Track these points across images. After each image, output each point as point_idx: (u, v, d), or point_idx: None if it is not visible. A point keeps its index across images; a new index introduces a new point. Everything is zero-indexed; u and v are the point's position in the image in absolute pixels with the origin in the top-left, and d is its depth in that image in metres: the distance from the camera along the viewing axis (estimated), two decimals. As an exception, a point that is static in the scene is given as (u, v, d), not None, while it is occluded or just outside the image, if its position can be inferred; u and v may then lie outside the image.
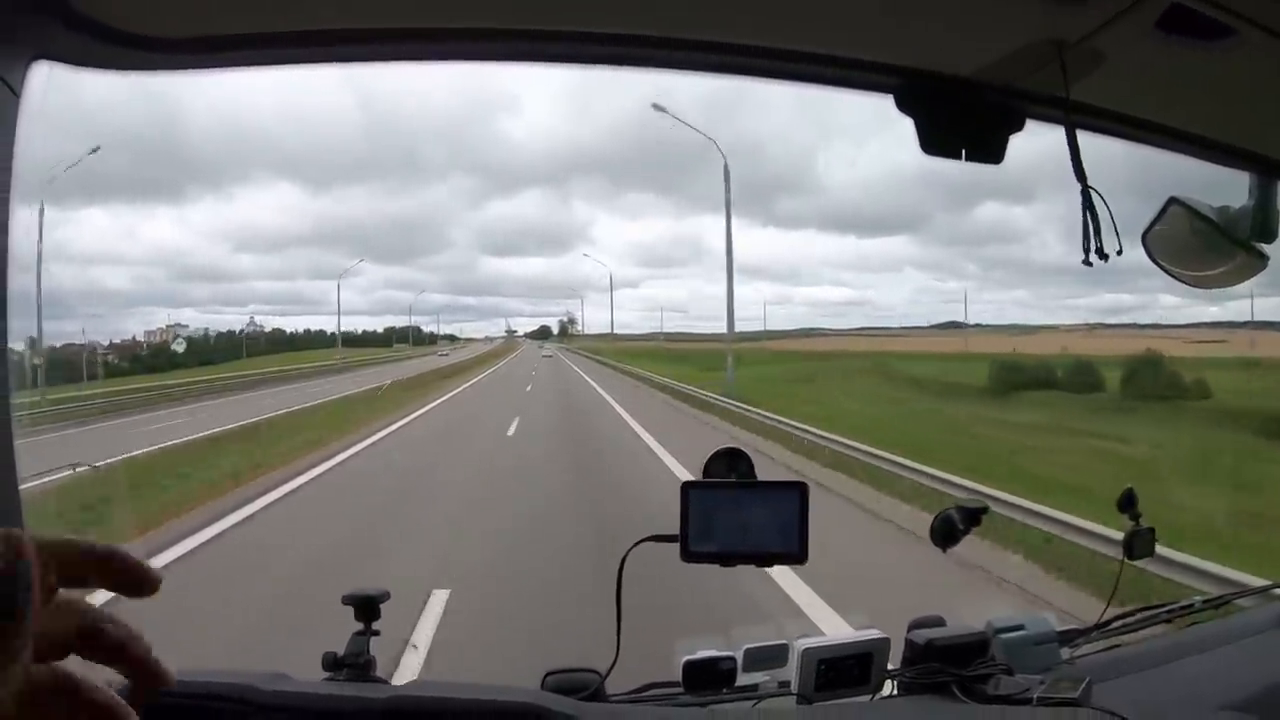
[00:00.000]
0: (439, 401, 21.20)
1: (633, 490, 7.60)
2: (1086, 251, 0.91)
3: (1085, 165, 0.93)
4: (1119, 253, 0.92)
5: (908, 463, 7.79)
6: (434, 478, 9.16)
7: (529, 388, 26.26)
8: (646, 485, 7.78)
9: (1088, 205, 0.91)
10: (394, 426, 14.56)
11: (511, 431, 13.15)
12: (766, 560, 0.95)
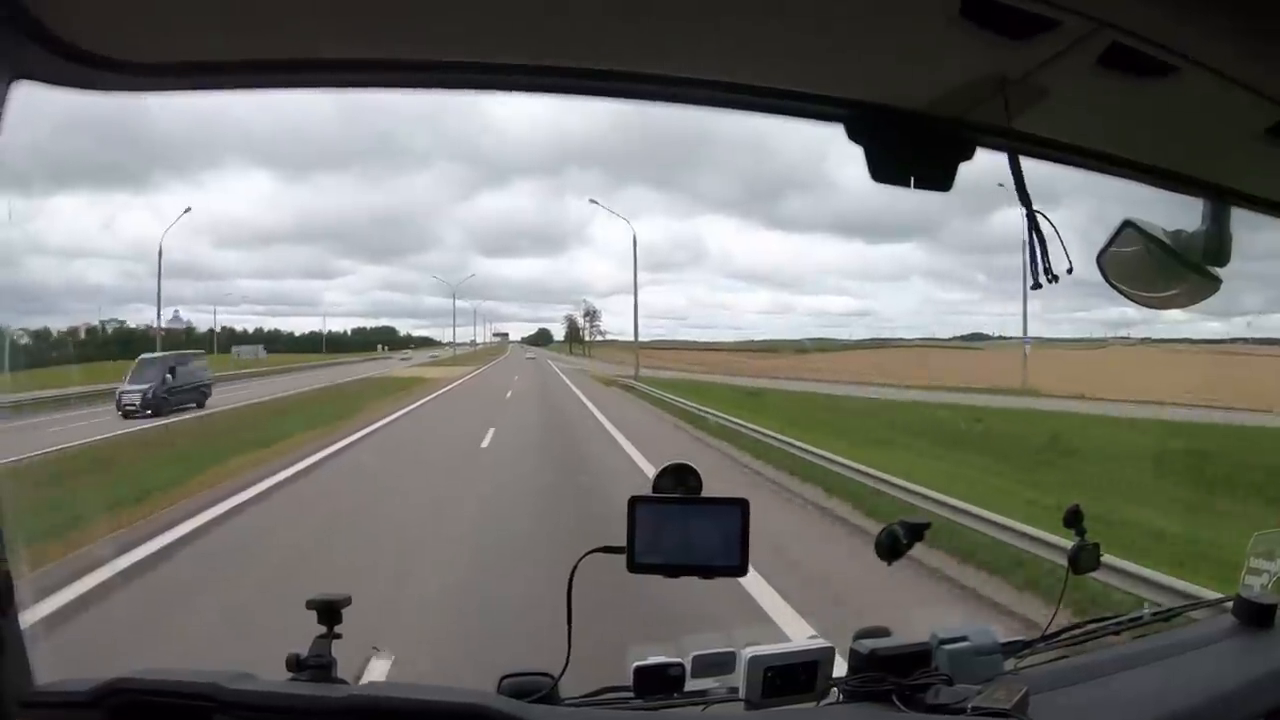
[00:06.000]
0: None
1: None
2: (1034, 275, 0.95)
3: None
4: (1069, 271, 0.96)
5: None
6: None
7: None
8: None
9: (1034, 229, 0.94)
10: None
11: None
12: (709, 573, 0.99)
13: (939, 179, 1.04)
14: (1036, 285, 1.01)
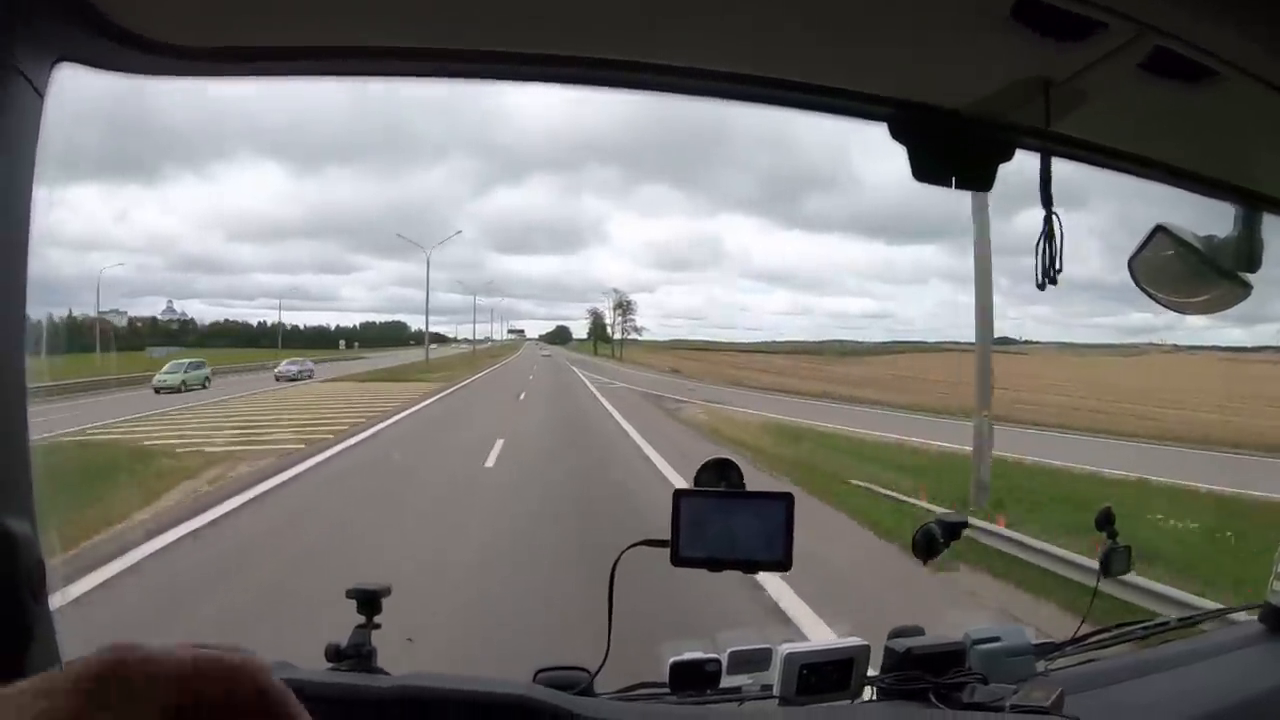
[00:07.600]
0: None
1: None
2: (1041, 275, 0.97)
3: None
4: (1054, 280, 0.98)
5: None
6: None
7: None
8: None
9: (1048, 233, 0.96)
10: None
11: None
12: (752, 567, 0.98)
13: (980, 179, 1.05)
14: (1042, 285, 1.02)
